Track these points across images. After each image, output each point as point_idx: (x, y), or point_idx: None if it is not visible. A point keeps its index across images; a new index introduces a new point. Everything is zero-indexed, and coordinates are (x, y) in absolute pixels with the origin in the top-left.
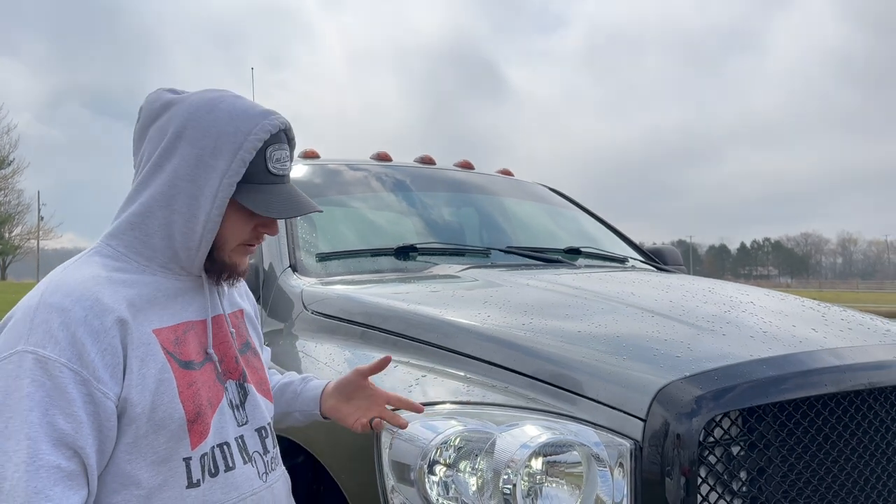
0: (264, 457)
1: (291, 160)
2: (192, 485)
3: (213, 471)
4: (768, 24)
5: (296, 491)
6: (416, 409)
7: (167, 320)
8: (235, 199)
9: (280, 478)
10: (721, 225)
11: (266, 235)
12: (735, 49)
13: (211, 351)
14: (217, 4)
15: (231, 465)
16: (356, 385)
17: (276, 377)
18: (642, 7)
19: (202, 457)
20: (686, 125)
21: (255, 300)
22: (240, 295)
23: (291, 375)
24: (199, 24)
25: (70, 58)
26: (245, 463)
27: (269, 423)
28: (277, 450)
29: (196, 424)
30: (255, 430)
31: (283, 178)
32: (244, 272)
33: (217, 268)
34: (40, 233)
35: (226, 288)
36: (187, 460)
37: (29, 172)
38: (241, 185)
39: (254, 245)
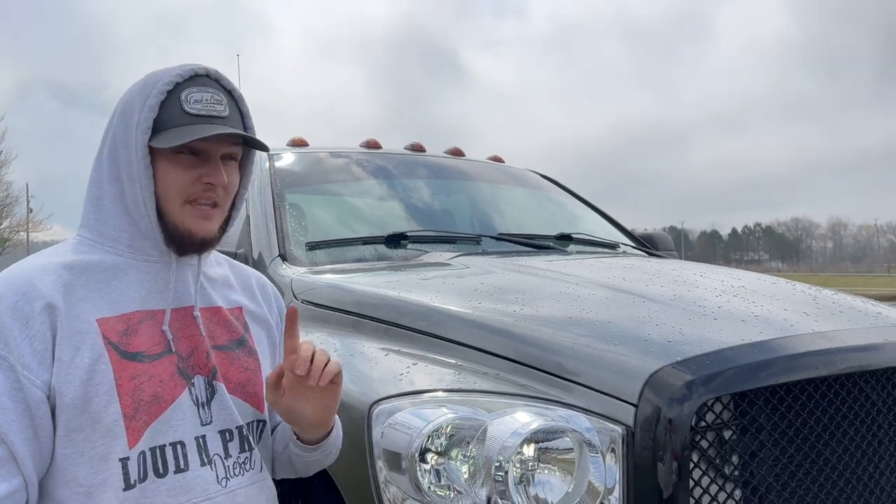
0: (226, 461)
1: (227, 105)
2: (129, 486)
3: (160, 471)
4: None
5: (288, 482)
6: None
7: (119, 308)
8: (157, 148)
9: (250, 485)
10: (710, 211)
11: (214, 187)
12: (693, 36)
13: (167, 333)
14: None
15: (183, 466)
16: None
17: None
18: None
19: (141, 455)
20: (662, 112)
21: (272, 296)
22: (236, 291)
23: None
24: (155, 18)
25: (32, 51)
26: (203, 465)
27: (240, 427)
28: (249, 455)
29: (135, 421)
30: (219, 431)
31: (209, 118)
32: (208, 240)
33: (175, 237)
34: (29, 225)
35: (202, 278)
36: (124, 461)
37: (16, 164)
38: (160, 133)
39: (205, 205)
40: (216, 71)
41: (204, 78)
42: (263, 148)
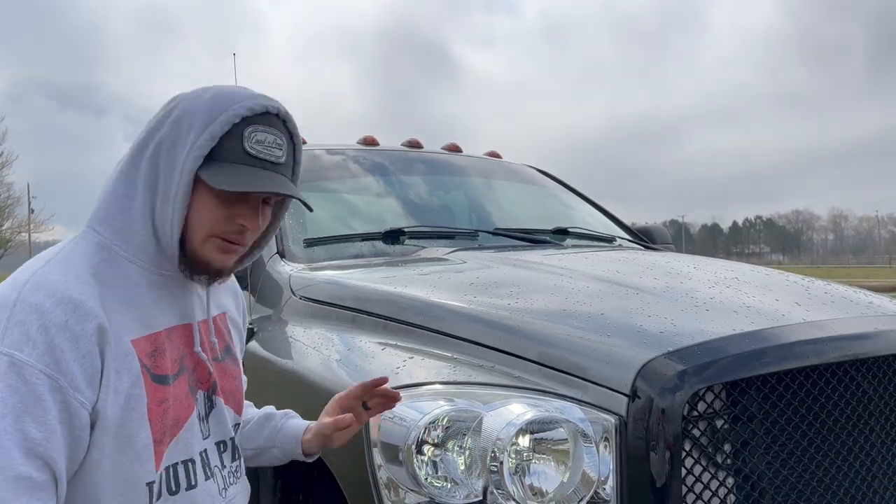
0: (223, 471)
1: (286, 150)
2: None
3: (173, 489)
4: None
5: (289, 475)
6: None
7: (147, 328)
8: (203, 178)
9: (241, 491)
10: (711, 204)
11: (245, 229)
12: (694, 29)
13: (200, 354)
14: None
15: (193, 483)
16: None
17: (251, 410)
18: None
19: (161, 475)
20: (662, 107)
21: (242, 300)
22: (226, 294)
23: (270, 409)
24: (150, 18)
25: (26, 51)
26: (207, 479)
27: (231, 438)
28: (238, 463)
29: (161, 445)
30: (216, 443)
31: (265, 162)
32: (223, 271)
33: (189, 263)
34: (31, 225)
35: (208, 290)
36: (150, 485)
37: (17, 165)
38: (212, 162)
39: (232, 242)
40: (287, 112)
41: (273, 117)
42: (308, 208)
